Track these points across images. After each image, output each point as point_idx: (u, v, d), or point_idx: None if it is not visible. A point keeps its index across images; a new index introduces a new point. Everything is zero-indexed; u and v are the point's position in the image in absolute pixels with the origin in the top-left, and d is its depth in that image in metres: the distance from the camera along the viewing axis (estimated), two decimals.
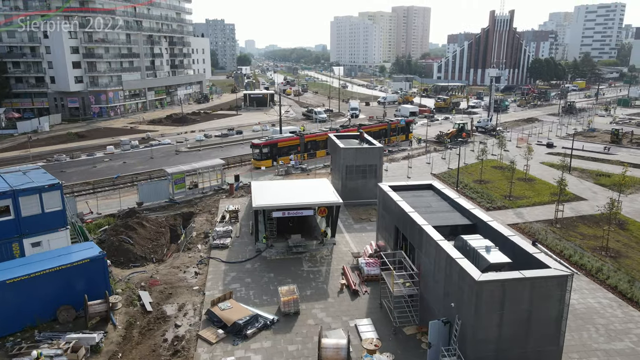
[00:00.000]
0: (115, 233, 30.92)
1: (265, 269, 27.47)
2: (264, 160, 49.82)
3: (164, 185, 40.05)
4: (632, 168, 51.26)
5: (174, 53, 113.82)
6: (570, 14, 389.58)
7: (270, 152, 50.02)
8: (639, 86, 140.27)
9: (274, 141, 51.28)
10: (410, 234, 22.33)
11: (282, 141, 51.75)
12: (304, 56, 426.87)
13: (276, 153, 50.47)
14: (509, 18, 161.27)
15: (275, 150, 50.50)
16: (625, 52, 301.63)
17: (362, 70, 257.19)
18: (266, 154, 50.02)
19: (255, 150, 50.55)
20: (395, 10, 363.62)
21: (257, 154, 50.31)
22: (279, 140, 51.82)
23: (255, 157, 50.76)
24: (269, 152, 50.10)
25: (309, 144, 52.89)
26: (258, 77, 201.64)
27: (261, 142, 50.82)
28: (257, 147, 50.34)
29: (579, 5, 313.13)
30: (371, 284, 25.50)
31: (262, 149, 49.98)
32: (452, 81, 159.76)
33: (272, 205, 27.94)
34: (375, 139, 41.79)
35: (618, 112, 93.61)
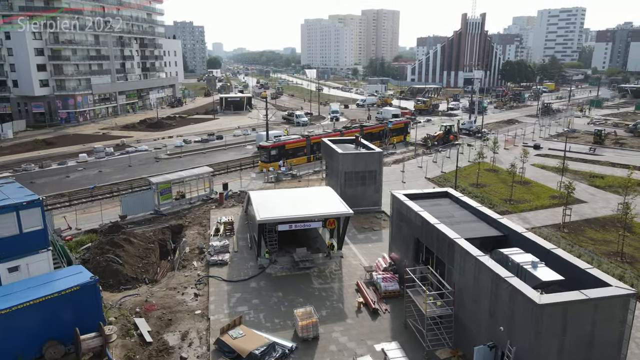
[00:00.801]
0: (100, 252, 28.00)
1: (272, 287, 25.23)
2: (272, 162, 48.85)
3: (148, 196, 37.15)
4: (620, 169, 51.74)
5: (145, 55, 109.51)
6: (533, 18, 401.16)
7: (278, 154, 49.36)
8: (606, 87, 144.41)
9: (282, 143, 50.61)
10: (438, 247, 20.60)
11: (290, 143, 51.10)
12: (273, 59, 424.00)
13: (284, 155, 49.86)
14: (481, 21, 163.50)
15: (283, 152, 49.75)
16: (586, 55, 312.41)
17: (334, 72, 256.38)
18: (274, 155, 49.06)
19: (264, 152, 49.72)
20: (365, 14, 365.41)
21: (265, 156, 49.34)
22: (286, 142, 51.15)
23: (263, 159, 49.79)
24: (277, 154, 49.15)
25: (315, 146, 52.08)
26: (230, 80, 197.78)
27: (269, 144, 49.85)
28: (265, 149, 49.48)
29: (542, 9, 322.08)
30: (390, 300, 23.66)
31: (270, 150, 48.99)
32: (426, 83, 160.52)
33: (279, 218, 25.75)
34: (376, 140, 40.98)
35: (592, 113, 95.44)
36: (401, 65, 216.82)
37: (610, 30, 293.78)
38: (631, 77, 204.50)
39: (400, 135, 64.39)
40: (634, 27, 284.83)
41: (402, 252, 25.08)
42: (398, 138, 63.61)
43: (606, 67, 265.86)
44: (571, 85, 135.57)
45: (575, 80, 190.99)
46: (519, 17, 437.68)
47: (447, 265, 19.85)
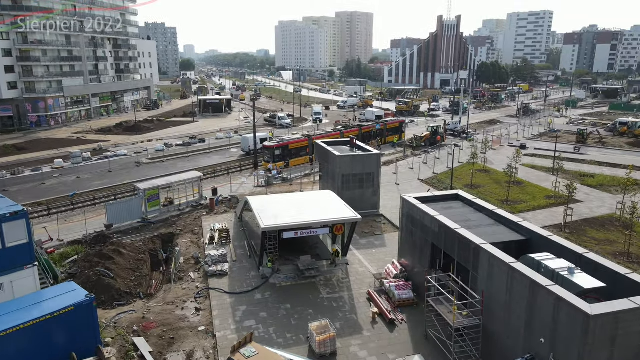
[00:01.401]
0: (89, 265, 25.96)
1: (278, 298, 23.77)
2: (275, 162, 48.88)
3: (135, 204, 35.06)
4: (607, 167, 52.30)
5: (119, 56, 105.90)
6: (502, 21, 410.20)
7: (282, 154, 49.53)
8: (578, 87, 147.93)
9: (285, 143, 50.87)
10: (460, 253, 19.59)
11: (293, 143, 51.44)
12: (247, 61, 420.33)
13: (287, 155, 50.08)
14: (456, 23, 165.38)
15: (287, 152, 50.07)
16: (554, 57, 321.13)
17: (310, 74, 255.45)
18: (278, 155, 49.26)
19: (267, 152, 49.94)
20: (339, 16, 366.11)
21: (269, 156, 49.52)
22: (290, 142, 51.49)
23: (267, 159, 49.97)
24: (281, 154, 49.38)
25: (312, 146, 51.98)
26: (206, 82, 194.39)
27: (273, 144, 50.05)
28: (269, 149, 49.65)
29: (511, 12, 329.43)
30: (404, 309, 22.55)
31: (274, 150, 49.21)
32: (403, 85, 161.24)
33: (284, 225, 24.32)
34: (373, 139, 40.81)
35: (569, 113, 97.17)
36: (377, 67, 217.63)
37: (577, 32, 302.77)
38: (599, 78, 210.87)
39: (395, 134, 64.97)
40: (599, 30, 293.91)
41: (414, 258, 24.01)
42: (392, 138, 64.17)
43: (574, 68, 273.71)
44: (546, 86, 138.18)
45: (547, 82, 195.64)
46: (489, 20, 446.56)
47: (472, 272, 18.85)
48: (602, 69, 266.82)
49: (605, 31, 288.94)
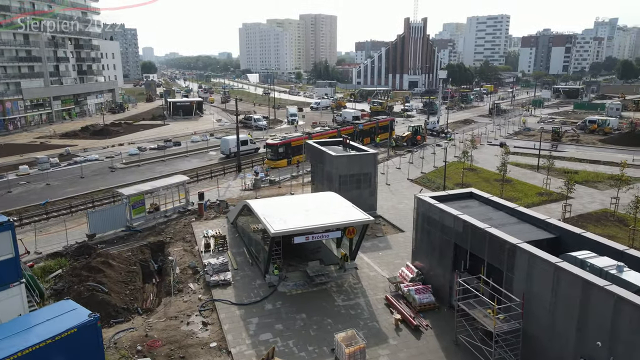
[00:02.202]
0: (78, 279, 23.61)
1: (291, 308, 22.22)
2: (279, 160, 49.71)
3: (119, 211, 32.59)
4: (588, 164, 53.37)
5: (81, 57, 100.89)
6: (461, 24, 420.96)
7: (285, 152, 49.98)
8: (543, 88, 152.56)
9: (288, 141, 51.63)
10: (492, 254, 18.68)
11: (295, 140, 51.81)
12: (210, 64, 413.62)
13: (290, 152, 50.58)
14: (423, 25, 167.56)
15: (290, 149, 50.68)
16: (512, 59, 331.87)
17: (277, 77, 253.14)
18: (281, 153, 50.02)
19: (271, 151, 50.59)
20: (303, 18, 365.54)
21: (272, 154, 50.27)
22: (292, 139, 52.11)
23: (270, 157, 50.70)
24: (284, 152, 50.04)
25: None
26: (171, 85, 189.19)
27: (276, 142, 50.98)
28: (272, 147, 50.47)
29: (471, 16, 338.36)
30: (426, 314, 21.48)
31: (278, 148, 50.01)
32: (372, 86, 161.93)
33: (295, 229, 22.78)
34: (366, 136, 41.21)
35: (537, 112, 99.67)
36: (345, 69, 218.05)
37: (533, 36, 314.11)
38: (557, 79, 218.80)
39: (386, 132, 65.59)
40: (554, 33, 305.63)
41: (432, 260, 22.99)
42: (384, 135, 64.93)
43: (531, 70, 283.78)
44: (512, 87, 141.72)
45: (509, 83, 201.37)
46: (449, 23, 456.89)
47: (506, 274, 17.96)
48: (558, 71, 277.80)
49: (560, 35, 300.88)
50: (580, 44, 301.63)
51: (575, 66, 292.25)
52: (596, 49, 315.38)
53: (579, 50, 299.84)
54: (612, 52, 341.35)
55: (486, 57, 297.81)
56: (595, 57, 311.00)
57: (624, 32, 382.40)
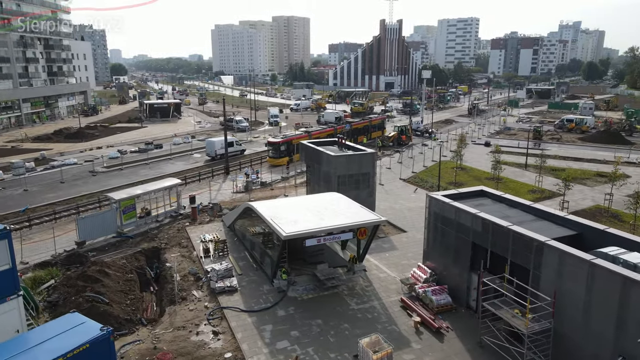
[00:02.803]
0: (74, 290, 22.11)
1: (305, 314, 21.34)
2: (281, 157, 50.10)
3: (109, 217, 30.97)
4: (572, 162, 54.32)
5: (51, 58, 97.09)
6: (432, 27, 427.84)
7: (287, 150, 50.30)
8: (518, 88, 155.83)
9: (289, 139, 52.32)
10: (516, 252, 18.30)
11: (296, 138, 52.11)
12: (182, 66, 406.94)
13: (292, 150, 51.04)
14: (398, 27, 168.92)
15: (291, 147, 51.12)
16: (482, 61, 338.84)
17: (252, 79, 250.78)
18: (283, 151, 50.29)
19: (272, 148, 51.11)
20: (276, 20, 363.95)
21: (274, 152, 50.79)
22: (293, 137, 52.86)
23: (271, 154, 51.22)
24: (285, 150, 50.25)
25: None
26: (142, 87, 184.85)
27: (278, 140, 51.50)
28: (274, 145, 51.00)
29: (442, 19, 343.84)
30: (444, 316, 20.96)
31: (280, 146, 50.45)
32: (349, 87, 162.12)
33: (307, 231, 21.92)
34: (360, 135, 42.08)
35: (514, 112, 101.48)
36: (320, 71, 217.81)
37: (502, 38, 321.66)
38: (527, 80, 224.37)
39: (379, 130, 67.43)
40: (522, 36, 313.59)
41: (447, 260, 22.49)
42: (377, 133, 66.37)
43: (501, 71, 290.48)
44: (488, 88, 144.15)
45: (481, 84, 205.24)
46: (419, 26, 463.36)
47: (533, 272, 17.59)
48: (526, 72, 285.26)
49: (527, 37, 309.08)
50: (547, 46, 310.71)
51: (542, 68, 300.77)
52: (561, 51, 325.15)
53: (546, 52, 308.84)
54: (576, 54, 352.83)
55: (457, 59, 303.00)
56: (561, 59, 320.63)
57: (587, 34, 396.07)
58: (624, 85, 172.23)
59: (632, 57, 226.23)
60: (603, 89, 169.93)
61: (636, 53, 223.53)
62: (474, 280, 21.07)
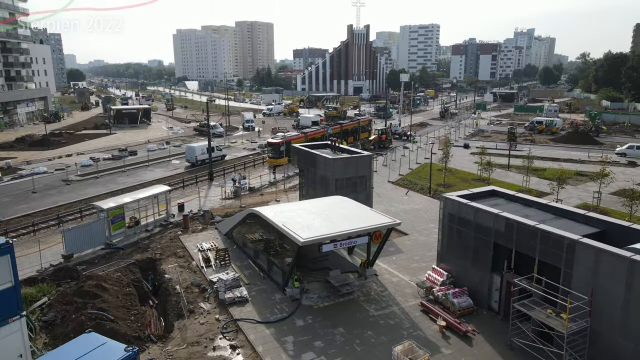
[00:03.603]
0: (73, 308, 20.38)
1: (325, 322, 20.43)
2: (280, 158, 50.87)
3: (97, 227, 29.05)
4: (550, 161, 55.72)
5: (8, 62, 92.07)
6: (394, 33, 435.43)
7: (286, 150, 50.66)
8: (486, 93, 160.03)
9: (288, 139, 53.68)
10: (545, 251, 18.07)
11: (294, 139, 53.77)
12: (142, 72, 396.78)
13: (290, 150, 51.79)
14: (365, 32, 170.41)
15: (290, 147, 51.82)
16: (443, 66, 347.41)
17: (217, 84, 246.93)
18: (282, 151, 51.07)
19: (272, 149, 52.34)
20: (239, 25, 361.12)
21: (274, 152, 51.83)
22: (291, 138, 54.36)
23: (271, 155, 52.39)
24: (285, 150, 50.89)
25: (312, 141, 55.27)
26: (105, 92, 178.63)
27: (278, 141, 52.91)
28: (274, 146, 52.28)
29: (404, 25, 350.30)
30: (466, 318, 20.55)
31: (279, 147, 51.47)
32: (317, 92, 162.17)
33: (323, 236, 21.04)
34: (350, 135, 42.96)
35: (484, 115, 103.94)
36: (288, 76, 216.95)
37: (462, 44, 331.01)
38: (488, 84, 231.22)
39: (365, 132, 69.36)
40: (481, 42, 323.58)
41: (465, 262, 22.11)
42: (364, 135, 68.41)
43: (463, 76, 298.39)
44: (453, 92, 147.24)
45: (446, 88, 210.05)
46: (382, 32, 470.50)
47: (564, 270, 17.41)
48: (486, 77, 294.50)
49: (486, 43, 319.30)
50: (504, 52, 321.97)
51: (500, 73, 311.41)
52: (517, 57, 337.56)
53: (503, 58, 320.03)
54: (530, 59, 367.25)
55: (420, 64, 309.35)
56: (517, 64, 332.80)
57: (540, 41, 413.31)
58: (579, 89, 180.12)
59: (583, 63, 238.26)
60: (560, 93, 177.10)
61: (587, 59, 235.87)
62: (495, 281, 20.79)
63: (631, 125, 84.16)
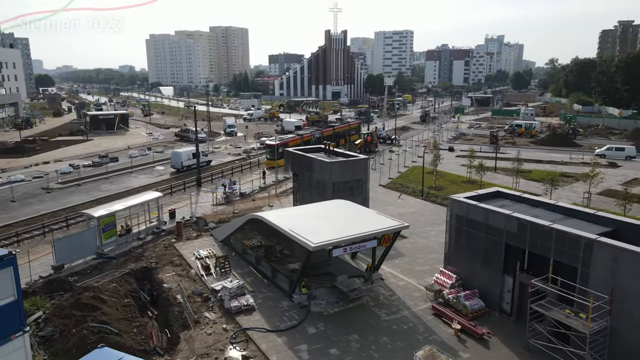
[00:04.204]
0: (72, 321, 19.28)
1: (337, 329, 19.92)
2: (278, 159, 50.45)
3: (88, 236, 27.81)
4: (534, 163, 56.66)
5: None
6: (368, 39, 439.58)
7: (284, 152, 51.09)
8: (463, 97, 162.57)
9: (285, 141, 55.25)
10: (560, 251, 18.05)
11: (291, 141, 55.61)
12: (113, 77, 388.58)
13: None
14: (343, 37, 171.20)
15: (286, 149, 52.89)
16: (417, 72, 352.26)
17: (193, 90, 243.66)
18: (280, 153, 50.74)
19: (270, 150, 53.66)
20: (213, 30, 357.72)
21: (271, 154, 52.84)
22: (288, 140, 56.19)
23: (269, 157, 53.66)
24: (282, 152, 50.53)
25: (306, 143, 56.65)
26: (78, 98, 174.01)
27: (276, 143, 54.30)
28: (271, 147, 53.45)
29: (378, 31, 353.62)
30: (479, 321, 20.36)
31: (277, 149, 52.07)
32: (295, 97, 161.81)
33: (334, 240, 20.54)
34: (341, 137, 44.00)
35: (463, 119, 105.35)
36: (265, 81, 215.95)
37: (436, 50, 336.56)
38: (462, 89, 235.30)
39: (356, 134, 70.40)
40: (454, 48, 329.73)
41: (475, 264, 21.95)
42: (354, 137, 68.86)
43: (437, 82, 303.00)
44: (430, 97, 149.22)
45: (422, 93, 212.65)
46: (356, 38, 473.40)
47: (581, 270, 17.41)
48: (460, 82, 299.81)
49: (459, 49, 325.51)
50: (476, 57, 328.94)
51: (473, 78, 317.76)
52: (489, 62, 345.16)
53: (475, 63, 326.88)
54: (501, 65, 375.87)
55: (395, 69, 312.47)
56: (489, 69, 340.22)
57: (509, 47, 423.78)
58: (549, 94, 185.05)
59: (552, 68, 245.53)
60: (533, 97, 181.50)
61: (556, 64, 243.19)
62: (507, 282, 20.69)
63: (605, 128, 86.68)
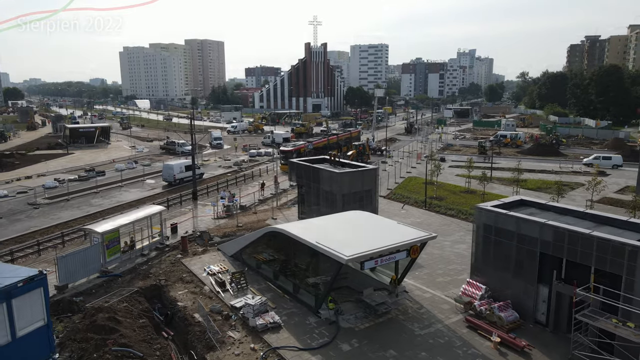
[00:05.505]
0: (91, 345, 17.83)
1: (372, 345, 19.09)
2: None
3: (92, 253, 26.24)
4: (527, 173, 57.25)
5: None
6: (343, 52, 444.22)
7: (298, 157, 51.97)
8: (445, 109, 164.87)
9: (297, 147, 60.24)
10: (602, 259, 17.77)
11: (303, 147, 60.44)
12: (84, 90, 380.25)
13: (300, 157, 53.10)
14: (323, 50, 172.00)
15: (299, 155, 54.72)
16: (393, 85, 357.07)
17: (169, 103, 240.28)
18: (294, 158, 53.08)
19: (285, 156, 56.99)
20: (189, 43, 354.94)
21: (286, 160, 54.14)
22: (299, 147, 60.84)
23: (283, 162, 56.31)
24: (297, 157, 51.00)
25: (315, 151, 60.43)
26: (49, 111, 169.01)
27: (290, 149, 58.98)
28: (287, 153, 57.29)
29: (354, 45, 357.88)
30: (516, 333, 19.86)
31: (292, 154, 55.05)
32: (275, 109, 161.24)
33: (367, 252, 19.78)
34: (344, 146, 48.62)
35: (446, 130, 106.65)
36: (244, 94, 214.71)
37: (411, 63, 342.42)
38: (439, 101, 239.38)
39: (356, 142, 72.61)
40: (429, 61, 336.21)
41: (506, 274, 21.47)
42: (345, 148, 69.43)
43: (412, 94, 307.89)
44: (416, 109, 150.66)
45: (400, 105, 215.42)
46: (332, 51, 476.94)
47: (625, 278, 17.14)
48: (435, 94, 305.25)
49: (434, 63, 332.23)
50: (450, 71, 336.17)
51: (447, 90, 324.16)
52: (462, 75, 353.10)
53: (449, 77, 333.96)
54: (473, 78, 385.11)
55: (370, 82, 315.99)
56: (462, 82, 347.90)
57: (480, 61, 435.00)
58: (523, 106, 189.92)
59: (523, 81, 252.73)
60: (509, 109, 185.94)
61: (526, 77, 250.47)
62: (542, 292, 20.30)
63: (585, 138, 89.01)
